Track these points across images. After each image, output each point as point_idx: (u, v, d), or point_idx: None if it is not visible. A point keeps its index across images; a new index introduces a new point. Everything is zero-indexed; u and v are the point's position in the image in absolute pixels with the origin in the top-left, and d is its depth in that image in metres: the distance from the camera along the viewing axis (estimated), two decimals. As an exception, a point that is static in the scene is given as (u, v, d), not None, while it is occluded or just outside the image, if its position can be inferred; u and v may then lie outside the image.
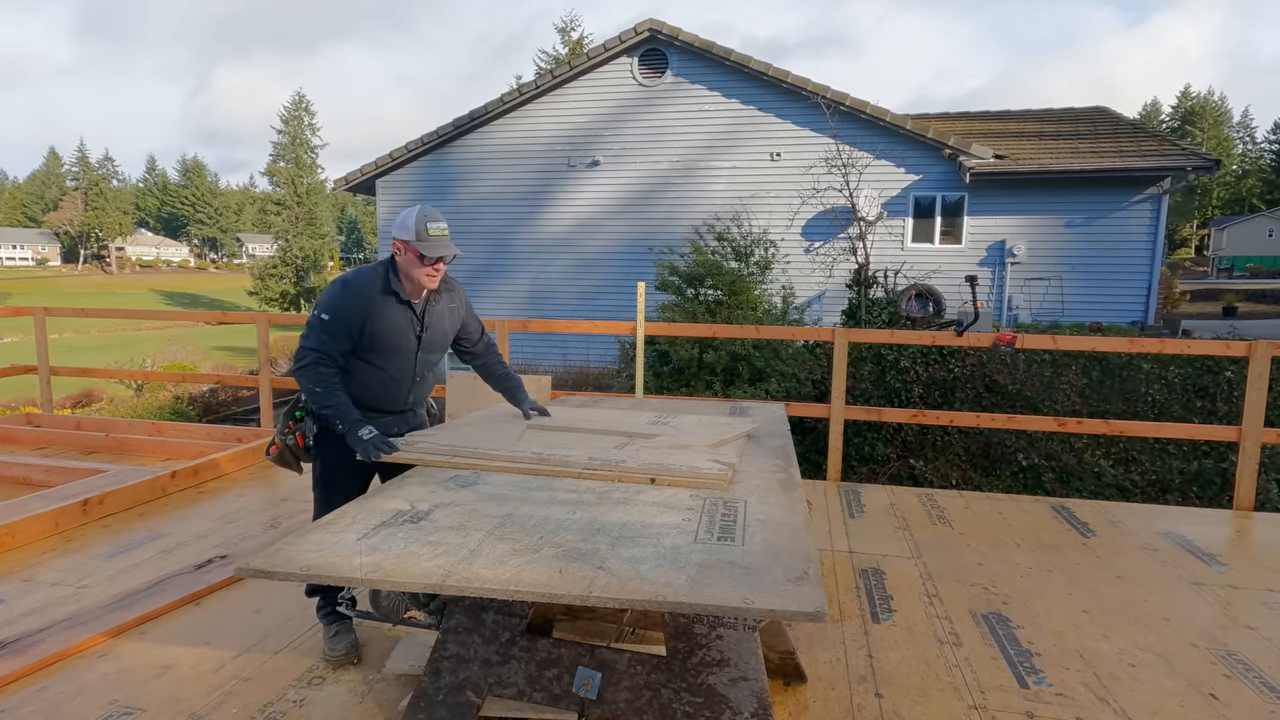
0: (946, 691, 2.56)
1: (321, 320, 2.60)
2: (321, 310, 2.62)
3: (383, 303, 2.66)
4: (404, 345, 2.73)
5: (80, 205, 76.47)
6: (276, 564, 1.72)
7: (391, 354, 2.71)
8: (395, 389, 2.78)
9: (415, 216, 2.64)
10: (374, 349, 2.67)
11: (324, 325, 2.60)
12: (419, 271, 2.66)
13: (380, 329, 2.66)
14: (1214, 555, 3.83)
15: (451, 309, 2.90)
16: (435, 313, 2.82)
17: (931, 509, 4.55)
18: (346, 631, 2.74)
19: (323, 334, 2.60)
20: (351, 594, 2.42)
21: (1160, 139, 13.68)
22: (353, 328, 2.62)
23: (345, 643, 2.70)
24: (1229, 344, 4.91)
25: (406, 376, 2.79)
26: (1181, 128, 60.47)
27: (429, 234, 2.63)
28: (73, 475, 4.79)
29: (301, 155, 47.70)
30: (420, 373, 2.84)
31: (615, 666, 1.89)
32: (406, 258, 2.66)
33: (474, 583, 1.62)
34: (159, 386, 14.73)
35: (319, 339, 2.60)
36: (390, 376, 2.74)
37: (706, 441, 2.71)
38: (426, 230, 2.63)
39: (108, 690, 2.51)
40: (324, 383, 2.59)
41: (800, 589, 1.58)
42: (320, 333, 2.60)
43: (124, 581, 3.35)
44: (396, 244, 2.68)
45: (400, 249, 2.66)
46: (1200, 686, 2.60)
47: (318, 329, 2.60)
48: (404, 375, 2.78)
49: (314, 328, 2.61)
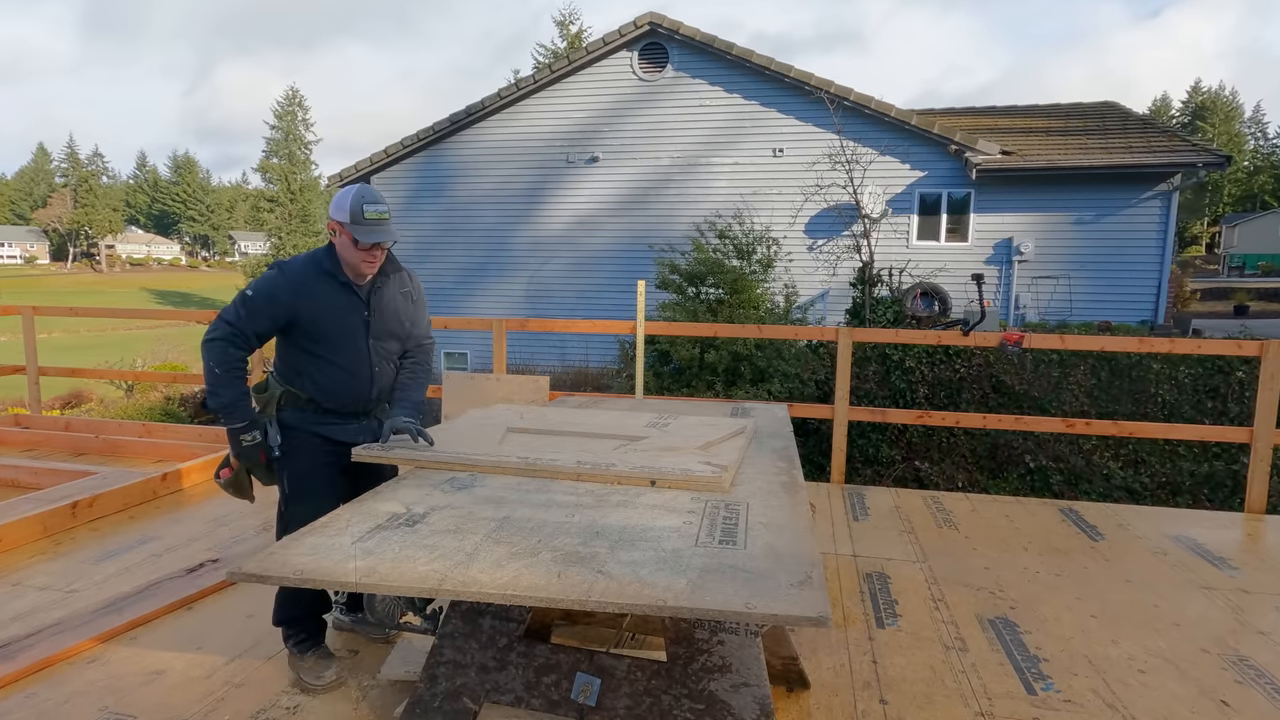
0: (952, 698, 2.56)
1: (244, 295, 2.47)
2: (248, 287, 2.50)
3: (320, 284, 2.52)
4: (350, 330, 2.58)
5: (69, 202, 76.50)
6: (269, 568, 1.72)
7: (339, 342, 2.56)
8: (353, 384, 2.61)
9: (352, 197, 2.49)
10: (317, 338, 2.53)
11: (245, 300, 2.46)
12: (355, 256, 2.51)
13: (319, 313, 2.51)
14: (1225, 559, 3.83)
15: (404, 292, 2.72)
16: (384, 296, 2.65)
17: (937, 512, 4.55)
18: (326, 655, 2.63)
19: (241, 308, 2.45)
20: (342, 598, 2.42)
21: (1170, 135, 13.69)
22: (278, 307, 2.47)
23: (331, 669, 2.58)
24: (1240, 344, 4.91)
25: (362, 369, 2.61)
26: (1192, 123, 60.46)
27: (365, 216, 2.48)
28: (62, 477, 4.79)
29: (295, 151, 47.75)
30: (376, 363, 2.65)
31: (615, 672, 1.89)
32: (341, 240, 2.52)
33: (471, 587, 1.62)
34: (150, 387, 14.72)
35: (236, 313, 2.45)
36: (344, 370, 2.58)
37: (696, 443, 2.70)
38: (363, 212, 2.47)
39: (97, 696, 2.51)
40: (226, 365, 2.44)
41: (803, 593, 1.58)
42: (239, 307, 2.46)
43: (114, 586, 3.34)
44: (332, 224, 2.54)
45: (335, 230, 2.52)
46: (1211, 693, 2.60)
47: (238, 304, 2.47)
48: (359, 368, 2.61)
49: (235, 303, 2.48)
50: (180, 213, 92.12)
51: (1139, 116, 15.43)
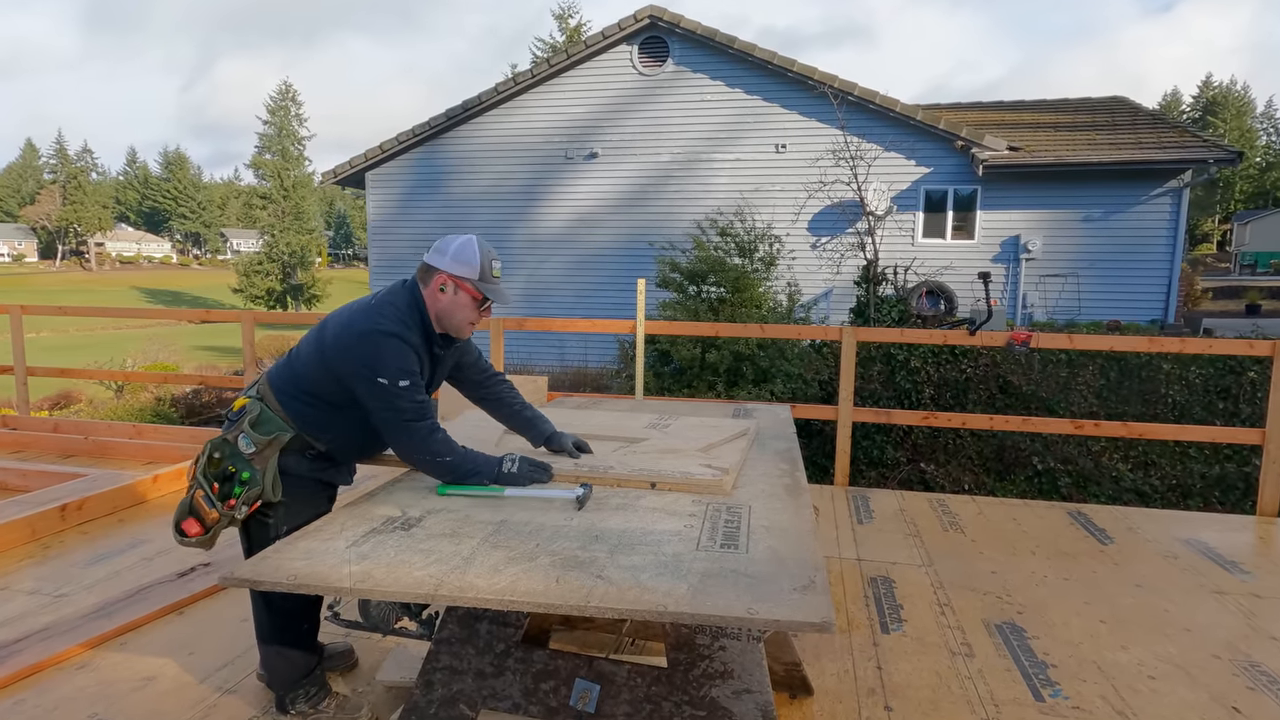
0: (959, 704, 2.56)
1: (402, 389, 2.18)
2: (395, 376, 2.16)
3: (424, 351, 2.30)
4: None
5: (58, 199, 76.47)
6: (262, 572, 1.72)
7: None
8: (375, 438, 2.35)
9: (480, 252, 2.26)
10: None
11: (411, 392, 2.19)
12: (467, 315, 2.30)
13: None
14: (1237, 563, 3.83)
15: (457, 347, 2.50)
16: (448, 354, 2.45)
17: (943, 515, 4.55)
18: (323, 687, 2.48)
19: (415, 398, 2.20)
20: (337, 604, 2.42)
21: (1181, 130, 13.69)
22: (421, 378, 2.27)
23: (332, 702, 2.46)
24: (1252, 343, 4.91)
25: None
26: (1203, 119, 60.45)
27: (494, 275, 2.29)
28: (51, 480, 4.79)
29: (288, 147, 47.70)
30: None
31: (614, 679, 1.88)
32: (458, 298, 2.27)
33: (467, 592, 1.62)
34: (140, 388, 14.73)
35: (413, 407, 2.19)
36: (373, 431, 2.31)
37: (697, 445, 2.70)
38: (493, 270, 2.28)
39: (87, 703, 2.50)
40: (449, 449, 2.23)
41: (806, 598, 1.58)
42: (411, 399, 2.19)
43: (104, 590, 3.34)
44: (447, 279, 2.26)
45: (450, 286, 2.26)
46: (1223, 700, 2.60)
47: (407, 398, 2.18)
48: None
49: (401, 397, 2.17)
50: (171, 210, 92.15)
51: (1149, 112, 15.44)
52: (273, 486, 2.24)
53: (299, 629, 2.42)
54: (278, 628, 2.40)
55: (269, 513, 2.28)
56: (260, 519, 2.29)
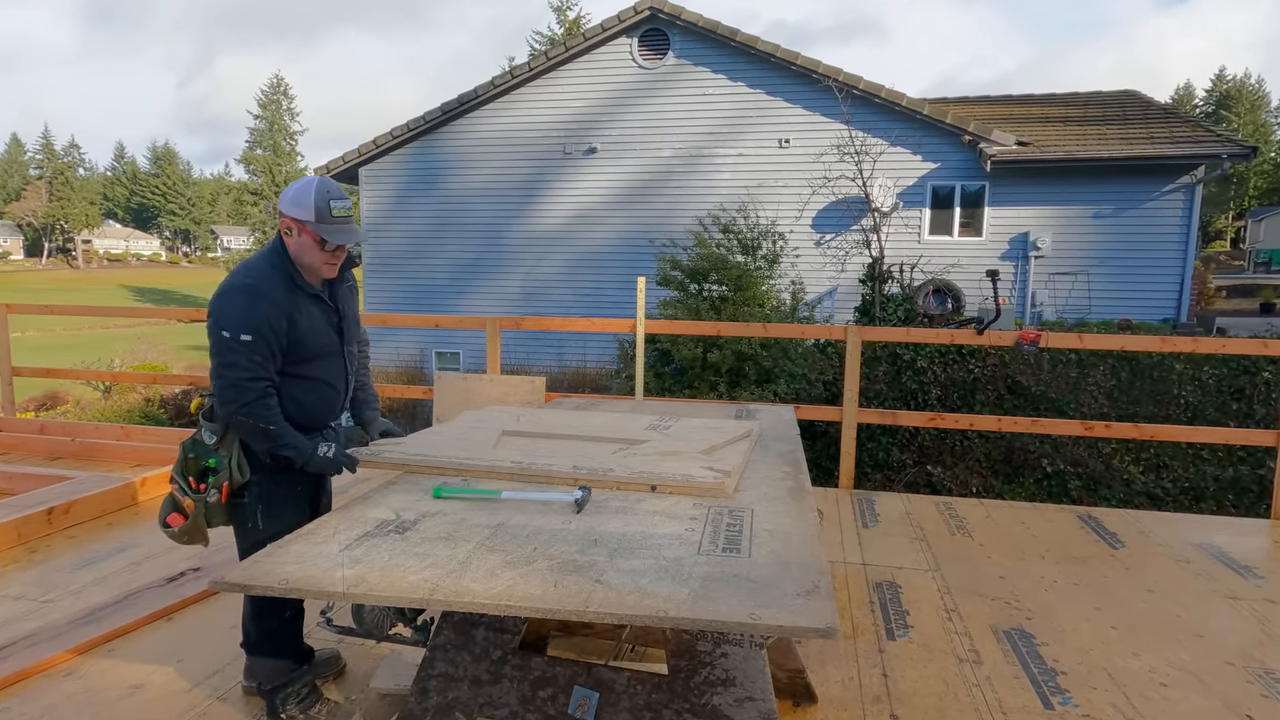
0: (966, 712, 2.56)
1: (242, 343, 2.26)
2: (237, 330, 2.26)
3: (295, 301, 2.37)
4: (330, 344, 2.50)
5: (44, 195, 76.48)
6: (253, 577, 1.72)
7: (323, 360, 2.48)
8: (333, 398, 2.54)
9: (315, 191, 2.32)
10: (303, 359, 2.42)
11: (248, 348, 2.26)
12: (317, 258, 2.38)
13: (304, 334, 2.39)
14: (1251, 567, 3.83)
15: (349, 286, 2.62)
16: (342, 295, 2.56)
17: (950, 518, 4.55)
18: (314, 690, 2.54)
19: (253, 357, 2.27)
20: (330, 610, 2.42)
21: (1194, 125, 13.70)
22: (279, 341, 2.32)
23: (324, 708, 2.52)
24: (1267, 343, 4.92)
25: (340, 379, 2.57)
26: (1216, 113, 60.44)
27: (333, 214, 2.33)
28: (37, 482, 4.79)
29: (280, 142, 47.76)
30: (350, 371, 2.61)
31: (614, 686, 1.89)
32: (300, 240, 2.35)
33: (463, 597, 1.62)
34: (128, 388, 14.73)
35: (250, 365, 2.27)
36: (328, 385, 2.50)
37: (698, 448, 2.70)
38: (330, 209, 2.32)
39: (74, 711, 2.51)
40: (274, 418, 2.32)
41: (810, 603, 1.58)
42: (246, 357, 2.27)
43: (91, 595, 3.34)
44: (288, 222, 2.35)
45: (293, 229, 2.35)
46: (1236, 707, 2.61)
47: (242, 353, 2.26)
48: (338, 379, 2.55)
49: (236, 352, 2.26)
50: (160, 206, 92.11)
51: (1161, 106, 15.44)
52: (239, 468, 2.37)
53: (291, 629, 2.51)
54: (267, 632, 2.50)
55: (243, 492, 2.41)
56: (236, 500, 2.42)
